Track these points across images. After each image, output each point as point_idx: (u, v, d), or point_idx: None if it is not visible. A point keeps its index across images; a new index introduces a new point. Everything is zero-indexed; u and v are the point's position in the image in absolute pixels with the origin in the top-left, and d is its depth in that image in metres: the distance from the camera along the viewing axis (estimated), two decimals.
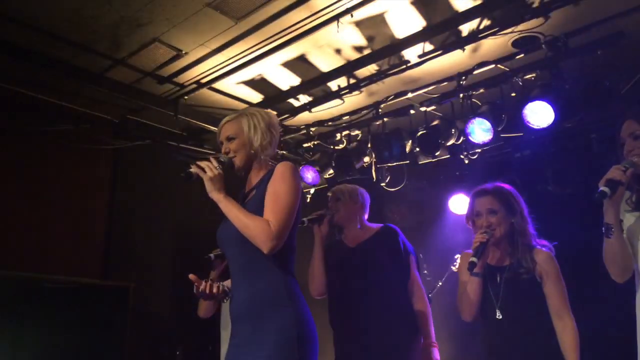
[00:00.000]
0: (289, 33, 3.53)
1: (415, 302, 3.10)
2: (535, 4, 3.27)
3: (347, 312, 3.07)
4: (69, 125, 4.29)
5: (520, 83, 3.69)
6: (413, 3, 3.30)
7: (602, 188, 2.06)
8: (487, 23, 3.47)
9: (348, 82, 4.19)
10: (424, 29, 3.55)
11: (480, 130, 3.77)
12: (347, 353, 3.04)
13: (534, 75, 3.66)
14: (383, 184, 4.59)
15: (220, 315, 3.67)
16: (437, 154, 4.10)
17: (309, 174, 4.62)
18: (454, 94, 3.98)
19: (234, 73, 3.98)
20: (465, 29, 3.55)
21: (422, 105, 4.21)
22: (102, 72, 3.98)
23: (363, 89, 4.21)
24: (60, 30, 3.50)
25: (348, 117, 4.59)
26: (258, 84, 4.23)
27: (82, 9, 3.28)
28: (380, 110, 4.36)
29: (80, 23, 3.42)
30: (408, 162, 4.34)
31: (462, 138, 3.92)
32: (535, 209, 2.77)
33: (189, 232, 4.82)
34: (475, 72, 3.79)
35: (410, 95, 4.16)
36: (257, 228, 2.03)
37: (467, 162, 4.11)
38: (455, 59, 3.80)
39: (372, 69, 4.00)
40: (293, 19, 3.41)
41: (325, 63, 3.95)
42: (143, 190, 4.70)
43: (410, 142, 4.21)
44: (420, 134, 4.09)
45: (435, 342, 3.10)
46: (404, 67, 3.89)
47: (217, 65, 3.91)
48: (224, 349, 3.59)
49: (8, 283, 3.70)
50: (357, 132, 4.62)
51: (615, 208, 2.10)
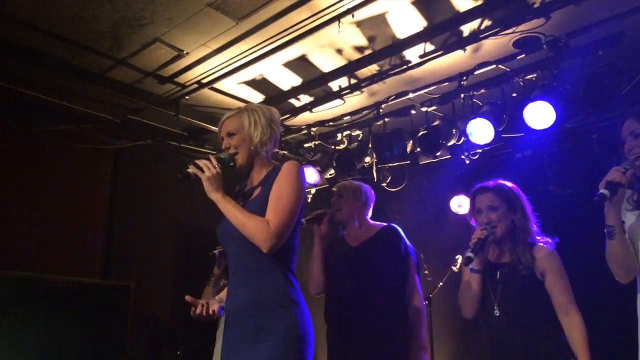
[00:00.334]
0: (290, 33, 3.54)
1: (411, 305, 3.10)
2: (537, 4, 3.27)
3: (343, 310, 3.08)
4: (70, 125, 4.29)
5: (521, 83, 3.69)
6: (414, 3, 3.30)
7: (602, 190, 2.06)
8: (488, 23, 3.47)
9: (349, 82, 4.19)
10: (425, 29, 3.55)
11: (481, 131, 3.77)
12: (339, 348, 3.05)
13: (535, 76, 3.66)
14: (384, 184, 4.58)
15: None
16: (438, 154, 4.10)
17: (310, 174, 4.61)
18: (455, 94, 3.98)
19: (235, 73, 3.99)
20: (467, 29, 3.55)
21: (423, 106, 4.21)
22: (103, 72, 3.98)
23: (364, 89, 4.21)
24: (62, 30, 3.50)
25: (349, 117, 4.59)
26: (259, 84, 4.23)
27: (83, 9, 3.29)
28: (381, 111, 4.36)
29: (82, 23, 3.43)
30: (409, 162, 4.34)
31: (463, 138, 3.92)
32: (536, 209, 2.76)
33: (190, 231, 4.83)
34: (476, 72, 3.79)
35: (412, 96, 4.16)
36: (256, 228, 2.02)
37: (468, 162, 4.11)
38: (456, 59, 3.80)
39: (373, 69, 4.00)
40: (294, 19, 3.41)
41: (327, 63, 3.96)
42: (144, 190, 4.71)
43: (411, 142, 4.21)
44: (421, 134, 4.10)
45: (426, 345, 3.11)
46: (405, 67, 3.89)
47: (218, 65, 3.92)
48: (217, 347, 3.57)
49: (8, 283, 3.71)
50: (358, 132, 4.62)
51: (616, 210, 2.10)
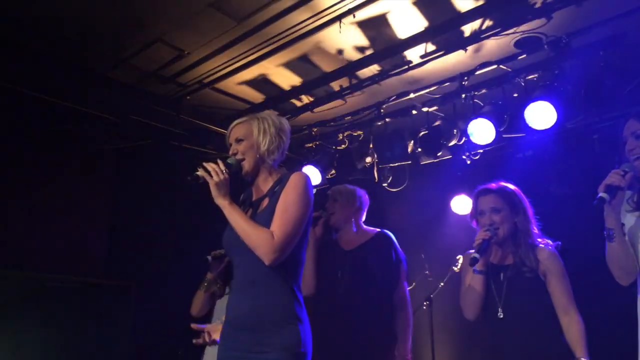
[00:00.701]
0: (291, 33, 3.53)
1: (398, 312, 3.15)
2: (538, 5, 3.26)
3: (333, 313, 3.10)
4: (72, 125, 4.30)
5: (523, 83, 3.70)
6: (415, 3, 3.30)
7: (601, 194, 2.05)
8: (489, 23, 3.47)
9: (350, 82, 4.18)
10: (426, 30, 3.55)
11: (482, 131, 3.76)
12: (326, 350, 3.05)
13: (536, 76, 3.67)
14: (385, 185, 4.59)
15: (213, 314, 3.66)
16: (439, 155, 4.11)
17: (311, 174, 4.61)
18: (456, 95, 3.98)
19: (236, 73, 3.99)
20: (468, 30, 3.55)
21: (424, 106, 4.21)
22: (104, 71, 3.98)
23: (365, 90, 4.21)
24: (64, 30, 3.50)
25: (350, 117, 4.59)
26: (260, 84, 4.23)
27: (85, 9, 3.29)
28: (382, 111, 4.36)
29: (83, 23, 3.43)
30: (410, 162, 4.35)
31: (464, 138, 3.92)
32: (537, 210, 2.77)
33: (191, 231, 4.83)
34: (478, 72, 3.79)
35: (412, 96, 4.16)
36: (259, 239, 2.00)
37: (469, 162, 4.12)
38: (458, 60, 3.80)
39: (374, 70, 3.99)
40: (295, 20, 3.41)
41: (327, 63, 3.95)
42: (145, 190, 4.71)
43: (412, 142, 4.21)
44: (422, 135, 4.10)
45: (411, 355, 3.14)
46: (406, 67, 3.88)
47: (219, 66, 3.92)
48: (208, 350, 3.56)
49: (10, 282, 3.72)
50: (359, 132, 4.62)
51: (616, 213, 2.10)
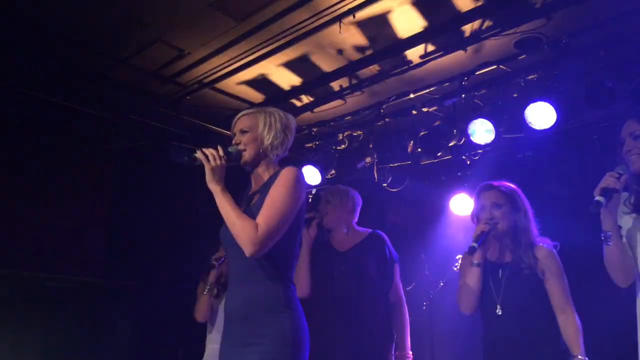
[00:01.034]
0: (291, 33, 3.53)
1: (395, 311, 3.16)
2: (538, 5, 3.26)
3: (327, 314, 3.11)
4: (72, 125, 4.29)
5: (522, 84, 3.69)
6: (415, 4, 3.30)
7: (597, 198, 2.05)
8: (489, 24, 3.47)
9: (350, 82, 4.18)
10: (426, 30, 3.55)
11: (482, 131, 3.77)
12: (322, 354, 3.03)
13: (536, 76, 3.66)
14: (385, 185, 4.59)
15: (217, 315, 3.67)
16: (438, 155, 4.11)
17: (311, 174, 4.61)
18: (456, 95, 3.98)
19: (236, 73, 3.98)
20: (468, 30, 3.54)
21: (424, 106, 4.20)
22: (104, 71, 3.98)
23: (365, 90, 4.20)
24: (63, 30, 3.50)
25: (350, 117, 4.58)
26: (260, 84, 4.23)
27: (85, 9, 3.29)
28: (382, 111, 4.36)
29: (83, 23, 3.43)
30: (410, 162, 4.35)
31: (463, 139, 3.92)
32: (537, 210, 2.77)
33: (190, 231, 4.83)
34: (477, 72, 3.79)
35: (412, 96, 4.15)
36: (242, 229, 2.00)
37: (468, 162, 4.12)
38: (457, 60, 3.80)
39: (374, 70, 3.99)
40: (295, 20, 3.41)
41: (328, 63, 3.95)
42: (145, 190, 4.71)
43: (412, 142, 4.21)
44: (422, 135, 4.10)
45: (410, 353, 3.14)
46: (406, 67, 3.88)
47: (219, 66, 3.91)
48: (209, 349, 3.56)
49: (9, 282, 3.72)
50: (359, 132, 4.62)
51: (613, 215, 2.10)
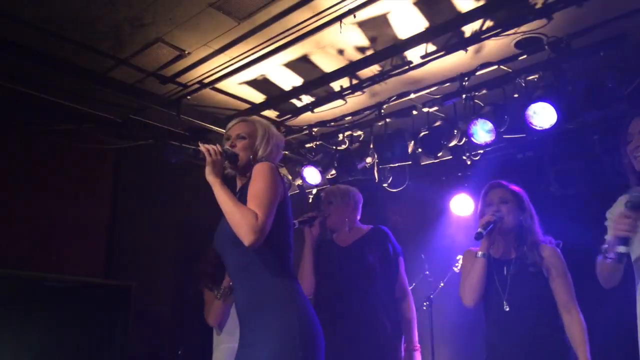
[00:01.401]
0: (292, 33, 3.53)
1: (401, 304, 3.14)
2: (539, 5, 3.26)
3: (333, 310, 3.09)
4: (72, 125, 4.30)
5: (523, 84, 3.69)
6: (416, 4, 3.30)
7: (619, 249, 2.01)
8: (490, 24, 3.47)
9: (350, 82, 4.18)
10: (427, 30, 3.55)
11: (483, 131, 3.76)
12: (331, 351, 3.04)
13: (537, 77, 3.65)
14: (385, 185, 4.59)
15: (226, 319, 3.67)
16: (439, 155, 4.10)
17: (311, 175, 4.61)
18: (457, 95, 3.97)
19: (237, 73, 3.98)
20: (468, 30, 3.55)
21: (424, 106, 4.20)
22: (105, 72, 3.98)
23: (365, 90, 4.20)
24: (64, 30, 3.50)
25: (350, 117, 4.58)
26: (261, 84, 4.24)
27: (85, 9, 3.29)
28: (383, 111, 4.35)
29: (84, 23, 3.43)
30: (410, 162, 4.33)
31: (464, 139, 3.92)
32: (538, 210, 2.78)
33: (191, 231, 4.83)
34: (478, 73, 3.78)
35: (413, 96, 4.15)
36: (243, 217, 2.01)
37: (469, 163, 4.11)
38: (458, 60, 3.80)
39: (374, 70, 3.99)
40: (296, 20, 3.41)
41: (328, 63, 3.95)
42: (145, 190, 4.71)
43: (413, 142, 4.21)
44: (423, 135, 4.09)
45: (418, 345, 3.12)
46: (407, 67, 3.88)
47: (219, 66, 3.92)
48: (220, 349, 3.56)
49: (9, 282, 3.71)
50: (359, 132, 4.61)
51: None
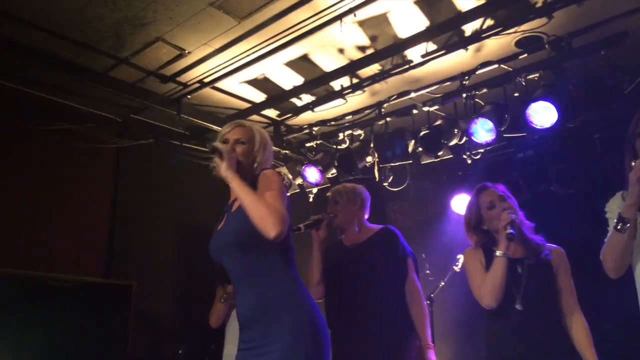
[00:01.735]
0: (292, 32, 3.54)
1: (412, 304, 3.06)
2: (539, 4, 3.26)
3: (344, 312, 3.06)
4: (72, 124, 4.30)
5: (524, 83, 3.69)
6: (416, 3, 3.30)
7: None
8: (490, 23, 3.47)
9: (351, 81, 4.19)
10: (427, 29, 3.55)
11: (483, 130, 3.76)
12: (343, 353, 3.00)
13: (537, 75, 3.65)
14: (385, 184, 4.58)
15: (229, 322, 3.69)
16: (439, 154, 4.10)
17: (312, 174, 4.61)
18: (457, 94, 3.97)
19: (237, 72, 3.99)
20: (469, 29, 3.55)
21: (425, 105, 4.20)
22: (105, 71, 3.99)
23: (366, 89, 4.21)
24: (64, 29, 3.51)
25: (351, 116, 4.59)
26: (261, 84, 4.24)
27: (85, 8, 3.29)
28: (383, 110, 4.35)
29: (84, 22, 3.43)
30: (411, 162, 4.34)
31: (464, 138, 3.91)
32: (538, 209, 2.77)
33: (192, 231, 4.83)
34: (478, 72, 3.78)
35: (413, 95, 4.15)
36: (269, 208, 1.99)
37: (469, 162, 4.10)
38: (458, 59, 3.80)
39: (375, 69, 4.00)
40: (296, 19, 3.41)
41: (328, 62, 3.96)
42: (146, 189, 4.71)
43: (413, 142, 4.20)
44: (423, 134, 4.09)
45: (432, 344, 3.08)
46: (407, 66, 3.88)
47: (220, 65, 3.92)
48: (227, 350, 3.59)
49: (11, 281, 3.72)
50: (359, 131, 4.61)
51: (637, 205, 2.06)
